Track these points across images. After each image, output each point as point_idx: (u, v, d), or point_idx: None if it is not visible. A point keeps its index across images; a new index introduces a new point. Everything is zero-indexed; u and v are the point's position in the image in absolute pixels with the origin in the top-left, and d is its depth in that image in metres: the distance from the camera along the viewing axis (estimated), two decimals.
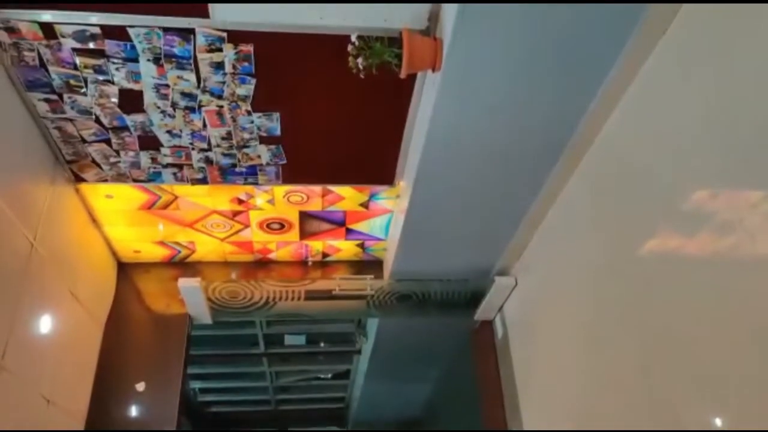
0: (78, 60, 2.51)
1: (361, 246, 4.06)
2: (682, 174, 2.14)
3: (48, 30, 2.37)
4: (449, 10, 2.18)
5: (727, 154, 1.93)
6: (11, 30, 2.36)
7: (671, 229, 2.22)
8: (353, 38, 2.32)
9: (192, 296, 3.62)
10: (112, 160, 3.06)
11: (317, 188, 3.44)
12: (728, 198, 1.96)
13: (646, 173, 2.32)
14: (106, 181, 3.21)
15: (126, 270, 4.01)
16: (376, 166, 3.26)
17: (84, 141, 2.92)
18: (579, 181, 2.84)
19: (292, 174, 3.25)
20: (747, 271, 1.88)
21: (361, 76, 2.33)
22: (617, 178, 2.53)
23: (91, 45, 2.45)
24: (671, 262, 2.22)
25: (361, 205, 3.60)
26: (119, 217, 3.54)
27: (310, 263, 4.20)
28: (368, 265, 4.19)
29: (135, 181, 3.23)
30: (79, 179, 3.18)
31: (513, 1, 2.06)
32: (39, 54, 2.46)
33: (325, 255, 4.16)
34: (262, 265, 4.16)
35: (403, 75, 2.32)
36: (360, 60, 2.30)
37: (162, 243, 3.88)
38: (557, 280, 3.17)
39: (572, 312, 2.98)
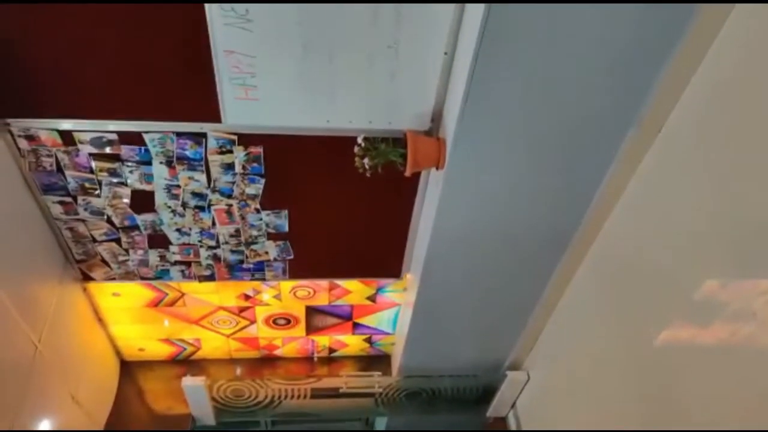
0: (94, 164, 2.60)
1: (369, 341, 3.99)
2: (690, 263, 2.14)
3: (67, 137, 2.48)
4: (451, 112, 2.27)
5: (735, 243, 1.94)
6: (31, 138, 2.46)
7: (684, 319, 2.19)
8: (359, 140, 2.41)
9: (195, 396, 3.52)
10: (121, 258, 3.09)
11: (324, 282, 3.44)
12: (739, 287, 1.94)
13: (655, 262, 2.32)
14: (113, 279, 3.22)
15: (129, 368, 3.93)
16: (382, 260, 3.27)
17: (94, 240, 2.96)
18: (588, 271, 2.83)
19: (299, 269, 3.26)
20: (765, 360, 1.83)
21: (368, 175, 2.40)
22: (626, 268, 2.53)
23: (108, 150, 2.55)
24: (687, 353, 2.16)
25: (368, 298, 3.58)
26: (125, 314, 3.52)
27: (316, 359, 4.12)
28: (376, 360, 4.10)
29: (143, 278, 3.24)
30: (87, 278, 3.19)
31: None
32: (57, 159, 2.56)
33: (331, 350, 4.08)
34: (267, 361, 4.08)
35: (408, 174, 2.39)
36: (366, 160, 2.37)
37: (167, 340, 3.83)
38: (571, 373, 3.08)
39: (589, 406, 2.87)
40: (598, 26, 1.96)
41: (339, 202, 2.89)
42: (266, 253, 3.14)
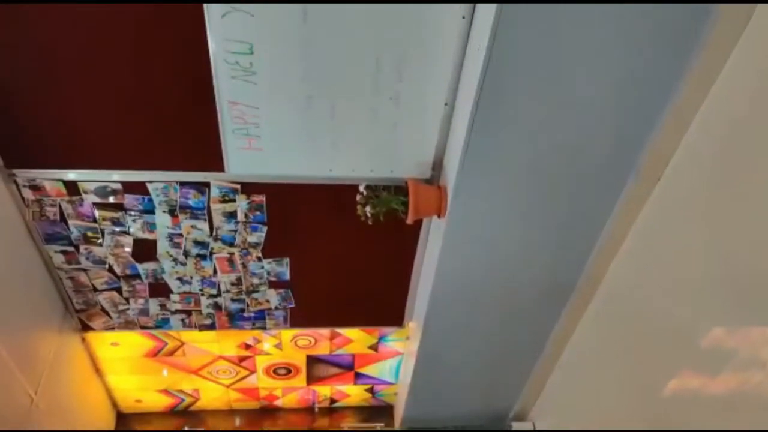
0: (97, 213, 2.61)
1: (371, 391, 3.91)
2: (696, 311, 2.11)
3: (71, 187, 2.50)
4: (452, 161, 2.30)
5: (741, 290, 1.92)
6: (36, 188, 2.48)
7: (692, 367, 2.15)
8: (361, 188, 2.43)
9: None
10: (121, 307, 3.06)
11: (325, 331, 3.40)
12: (748, 335, 1.91)
13: (659, 311, 2.29)
14: (113, 329, 3.19)
15: (126, 421, 3.85)
16: (384, 308, 3.25)
17: (95, 290, 2.95)
18: (592, 320, 2.80)
19: (300, 317, 3.23)
20: None
21: (369, 223, 2.41)
22: (631, 317, 2.50)
23: (111, 199, 2.57)
24: (696, 402, 2.11)
25: (370, 347, 3.53)
26: (123, 364, 3.47)
27: (317, 410, 4.03)
28: (378, 411, 4.01)
29: (143, 328, 3.21)
30: (86, 328, 3.16)
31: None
32: (60, 209, 2.57)
33: (333, 401, 4.00)
34: (268, 412, 3.99)
35: (409, 222, 2.39)
36: (368, 208, 2.39)
37: (165, 391, 3.75)
38: (578, 423, 3.01)
39: None
40: (595, 79, 2.01)
41: (341, 250, 2.89)
42: (267, 301, 3.11)
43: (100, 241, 2.72)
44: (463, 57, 2.14)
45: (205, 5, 1.97)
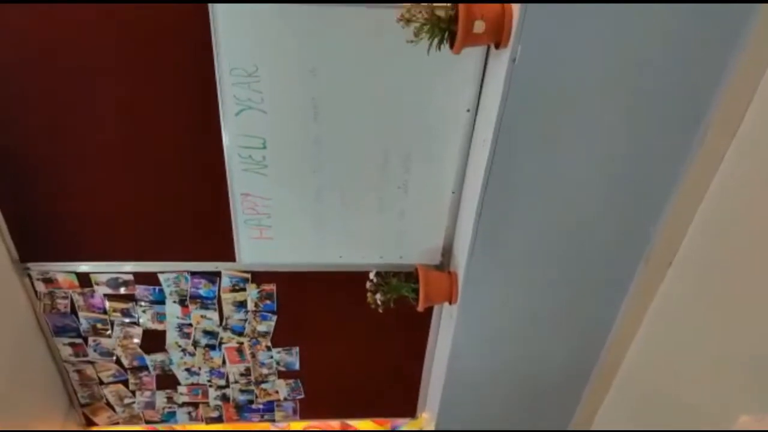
0: (108, 304, 2.61)
1: None
2: (722, 397, 2.04)
3: (84, 279, 2.52)
4: (461, 247, 2.31)
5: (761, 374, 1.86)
6: (49, 281, 2.51)
7: None
8: (371, 275, 2.43)
9: None
10: (127, 401, 2.99)
11: (336, 423, 3.29)
12: None
13: (684, 396, 2.21)
14: (117, 423, 3.10)
15: None
16: (396, 398, 3.15)
17: (101, 383, 2.90)
18: (613, 406, 2.69)
19: (309, 409, 3.14)
20: None
21: (380, 310, 2.39)
22: (656, 402, 2.41)
23: (122, 290, 2.58)
24: None
25: None
26: None
27: None
28: None
29: (148, 422, 3.12)
30: (89, 423, 3.07)
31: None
32: (71, 301, 2.58)
33: None
34: None
35: (420, 309, 2.37)
36: (378, 296, 2.38)
37: None
38: None
39: None
40: (599, 166, 2.05)
41: (351, 338, 2.85)
42: (276, 392, 3.04)
43: (109, 332, 2.71)
44: (469, 148, 2.20)
45: (220, 104, 2.06)
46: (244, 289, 2.63)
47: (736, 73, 1.82)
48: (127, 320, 2.68)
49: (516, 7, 1.68)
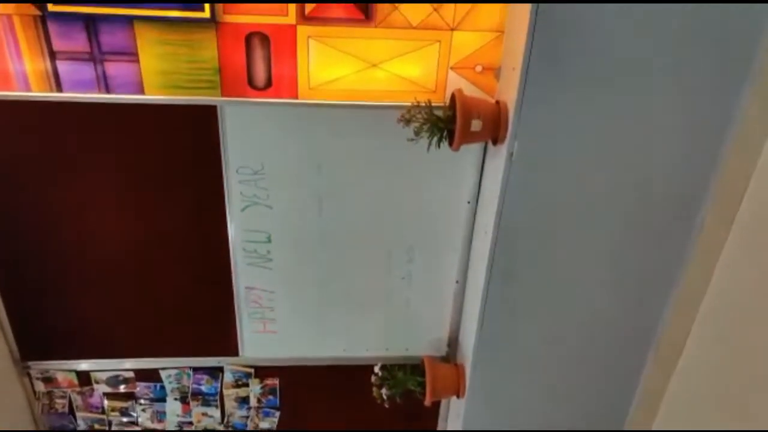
0: (106, 403, 2.55)
1: None
2: None
3: (83, 377, 2.48)
4: (467, 338, 2.28)
5: None
6: (48, 380, 2.46)
7: None
8: (376, 369, 2.39)
9: None
10: None
11: None
12: None
13: None
14: None
15: None
16: None
17: None
18: None
19: None
20: None
21: (386, 405, 2.33)
22: None
23: (122, 388, 2.52)
24: None
25: None
26: None
27: None
28: None
29: None
30: None
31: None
32: (70, 400, 2.52)
33: None
34: None
35: (427, 403, 2.31)
36: (384, 390, 2.32)
37: None
38: None
39: None
40: (602, 255, 2.07)
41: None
42: None
43: None
44: (471, 238, 2.23)
45: (227, 201, 2.11)
46: (246, 385, 2.57)
47: (730, 163, 1.88)
48: (125, 419, 2.61)
49: (511, 106, 1.76)
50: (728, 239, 1.95)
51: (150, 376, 2.52)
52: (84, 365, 2.46)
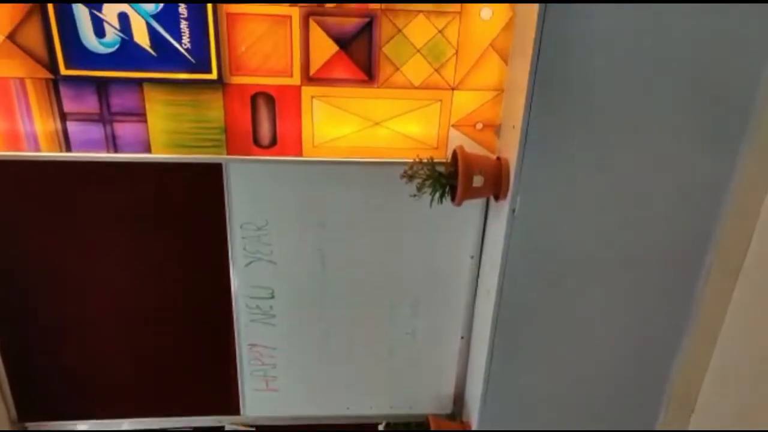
0: None
1: None
2: None
3: None
4: (473, 395, 2.24)
5: None
6: None
7: None
8: (381, 427, 2.34)
9: None
10: None
11: None
12: None
13: None
14: None
15: None
16: None
17: None
18: None
19: None
20: None
21: None
22: None
23: None
24: None
25: None
26: None
27: None
28: None
29: None
30: None
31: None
32: None
33: None
34: None
35: None
36: None
37: None
38: None
39: None
40: (607, 311, 2.05)
41: None
42: None
43: None
44: (475, 293, 2.22)
45: (230, 257, 2.12)
46: None
47: (731, 217, 1.89)
48: None
49: (512, 162, 1.78)
50: (735, 290, 1.94)
51: None
52: (82, 426, 2.40)
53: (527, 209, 1.80)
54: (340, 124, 1.94)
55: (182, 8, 1.74)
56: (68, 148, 1.91)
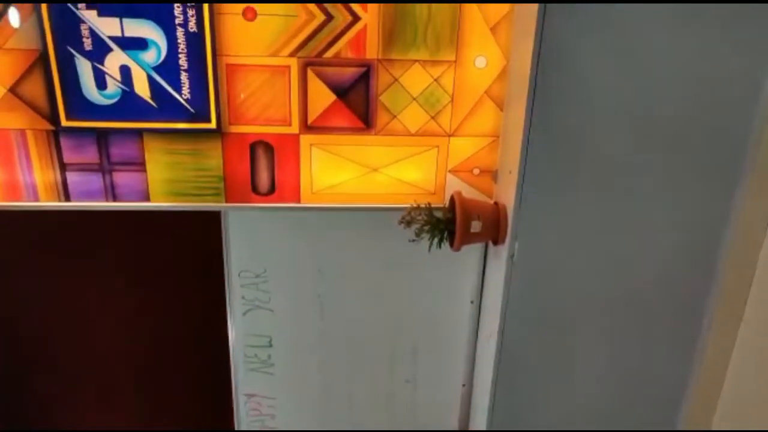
0: None
1: None
2: None
3: None
4: None
5: None
6: None
7: None
8: None
9: None
10: None
11: None
12: None
13: None
14: None
15: None
16: None
17: None
18: None
19: None
20: None
21: None
22: None
23: None
24: None
25: None
26: None
27: None
28: None
29: None
30: None
31: None
32: None
33: None
34: None
35: None
36: None
37: None
38: None
39: None
40: (609, 361, 2.03)
41: None
42: None
43: None
44: (476, 339, 2.19)
45: (228, 305, 2.10)
46: None
47: (731, 260, 1.89)
48: None
49: (510, 208, 1.79)
50: (738, 335, 1.92)
51: None
52: None
53: (526, 254, 1.80)
54: (338, 170, 1.96)
55: (183, 60, 1.78)
56: (67, 198, 1.91)
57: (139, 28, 1.73)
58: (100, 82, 1.77)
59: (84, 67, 1.75)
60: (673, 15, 1.64)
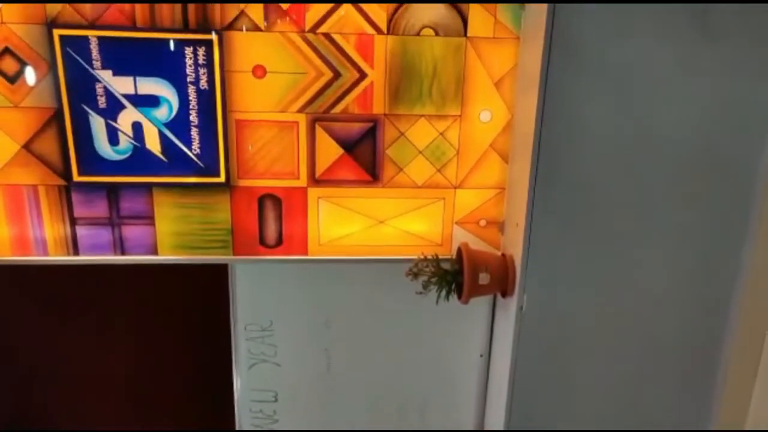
0: None
1: None
2: None
3: None
4: None
5: None
6: None
7: None
8: None
9: None
10: None
11: None
12: None
13: None
14: None
15: None
16: None
17: None
18: None
19: None
20: None
21: None
22: None
23: None
24: None
25: None
26: None
27: None
28: None
29: None
30: None
31: None
32: None
33: None
34: None
35: None
36: None
37: None
38: None
39: None
40: (619, 405, 1.98)
41: None
42: None
43: None
44: (486, 393, 2.15)
45: (234, 359, 2.07)
46: None
47: (744, 307, 1.87)
48: None
49: (517, 259, 1.79)
50: (756, 386, 1.88)
51: None
52: None
53: (535, 305, 1.79)
54: (345, 223, 1.97)
55: (193, 116, 1.82)
56: (76, 252, 1.92)
57: (151, 86, 1.78)
58: (113, 138, 1.81)
59: (97, 124, 1.79)
60: (674, 55, 1.67)
